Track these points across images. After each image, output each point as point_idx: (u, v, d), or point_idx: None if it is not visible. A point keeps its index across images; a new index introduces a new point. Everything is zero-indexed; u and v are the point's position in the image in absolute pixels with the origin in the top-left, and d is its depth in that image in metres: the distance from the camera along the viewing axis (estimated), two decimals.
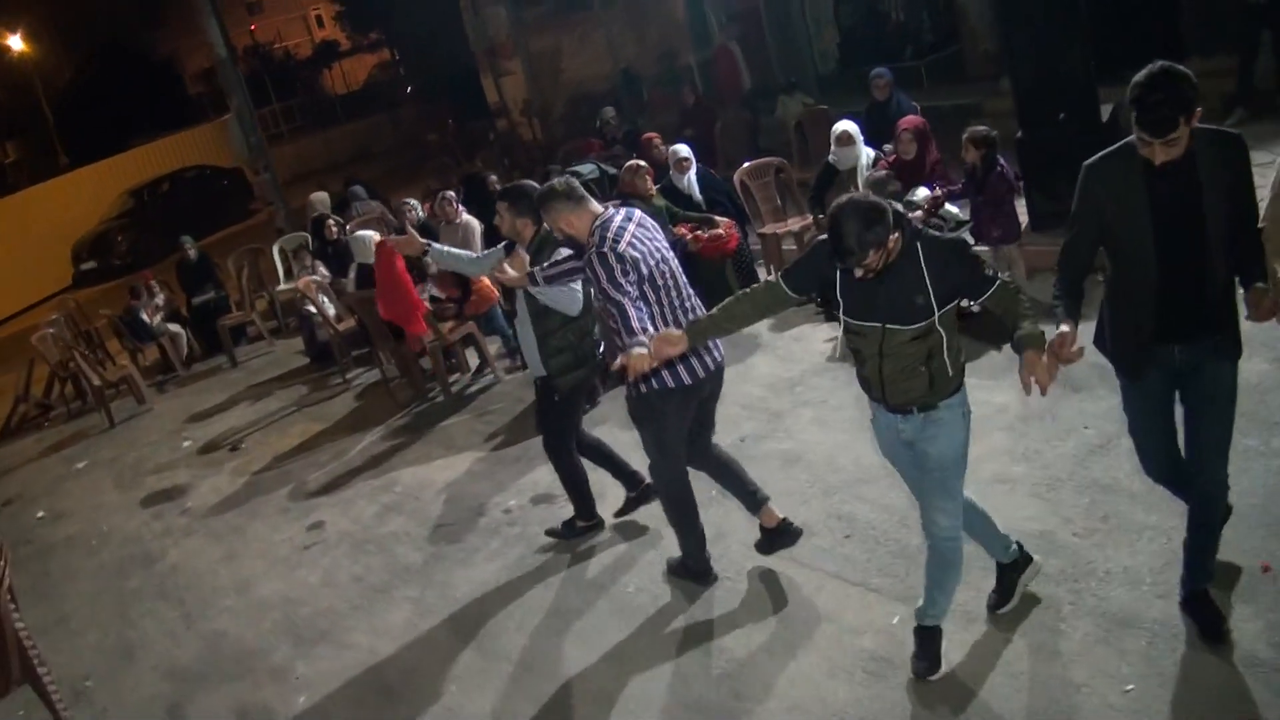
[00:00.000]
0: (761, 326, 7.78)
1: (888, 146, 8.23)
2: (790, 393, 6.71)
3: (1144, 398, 3.68)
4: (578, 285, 5.06)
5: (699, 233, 8.05)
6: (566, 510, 5.87)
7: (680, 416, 4.67)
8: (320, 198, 11.84)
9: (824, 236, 3.49)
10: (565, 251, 4.97)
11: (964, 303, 3.76)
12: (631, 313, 4.21)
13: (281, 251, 11.94)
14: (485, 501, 6.40)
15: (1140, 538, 4.39)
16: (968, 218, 7.19)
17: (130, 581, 6.76)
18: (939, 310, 3.44)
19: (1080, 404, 5.50)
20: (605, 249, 4.33)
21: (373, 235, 8.59)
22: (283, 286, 11.81)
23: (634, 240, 4.43)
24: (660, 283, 4.48)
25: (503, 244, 5.45)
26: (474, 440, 7.44)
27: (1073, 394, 5.60)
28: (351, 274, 8.56)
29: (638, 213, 4.67)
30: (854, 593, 4.55)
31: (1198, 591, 3.83)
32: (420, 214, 10.18)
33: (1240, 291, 3.50)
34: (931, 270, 3.41)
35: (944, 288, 3.43)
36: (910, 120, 7.42)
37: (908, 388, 3.58)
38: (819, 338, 7.44)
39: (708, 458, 4.98)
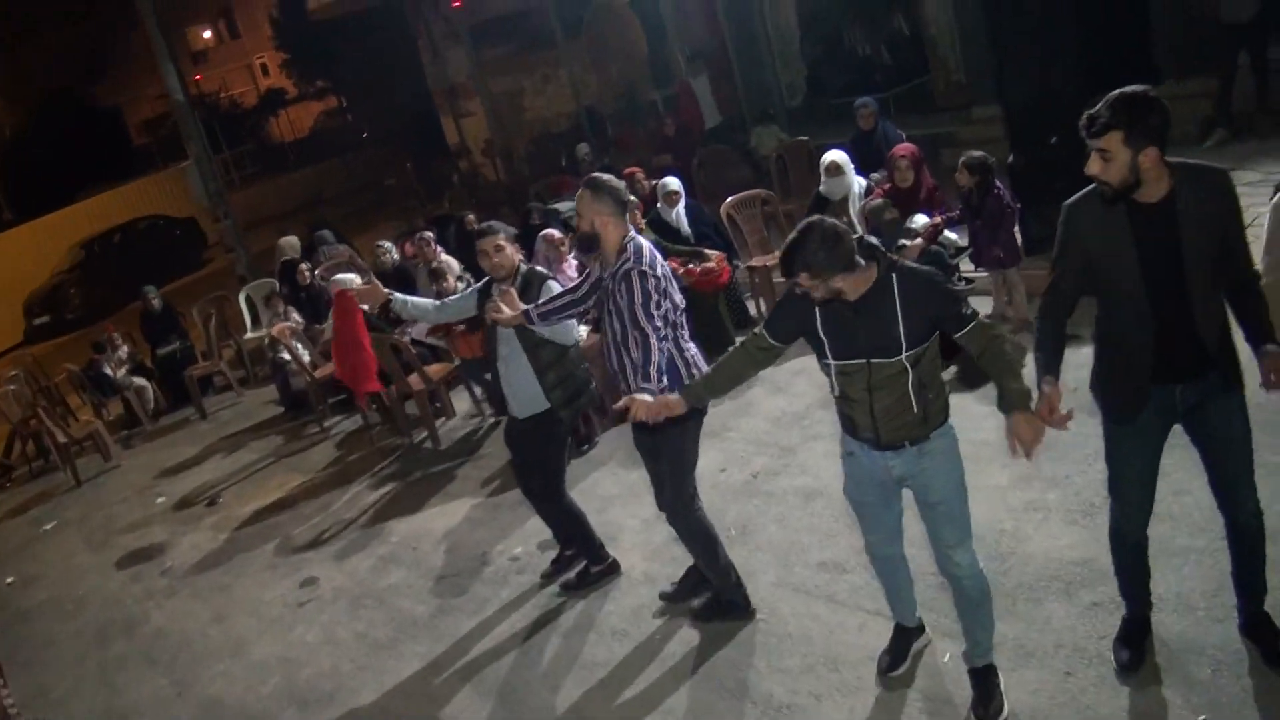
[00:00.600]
0: None
1: (875, 175, 8.19)
2: (798, 426, 6.55)
3: (1140, 442, 3.54)
4: (572, 320, 4.94)
5: (691, 266, 7.91)
6: (572, 555, 5.68)
7: (698, 443, 4.59)
8: (290, 242, 11.58)
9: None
10: (556, 287, 4.93)
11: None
12: (654, 345, 4.18)
13: (248, 299, 11.63)
14: (489, 550, 6.16)
15: (1186, 562, 4.28)
16: (966, 244, 7.15)
17: (113, 647, 6.41)
18: (909, 344, 3.36)
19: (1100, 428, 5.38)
20: (645, 268, 4.24)
21: (353, 278, 8.34)
22: (250, 335, 11.50)
23: (665, 268, 4.36)
24: (673, 318, 4.40)
25: (480, 283, 5.25)
26: (469, 486, 7.19)
27: (1090, 418, 5.49)
28: (330, 319, 8.30)
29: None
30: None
31: (1258, 615, 3.72)
32: (395, 256, 9.97)
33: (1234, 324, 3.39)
34: (904, 303, 3.34)
35: (917, 321, 3.36)
36: (905, 147, 7.36)
37: (901, 423, 3.49)
38: (818, 369, 7.29)
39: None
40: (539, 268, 5.27)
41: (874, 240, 3.48)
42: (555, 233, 7.82)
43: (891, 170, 7.23)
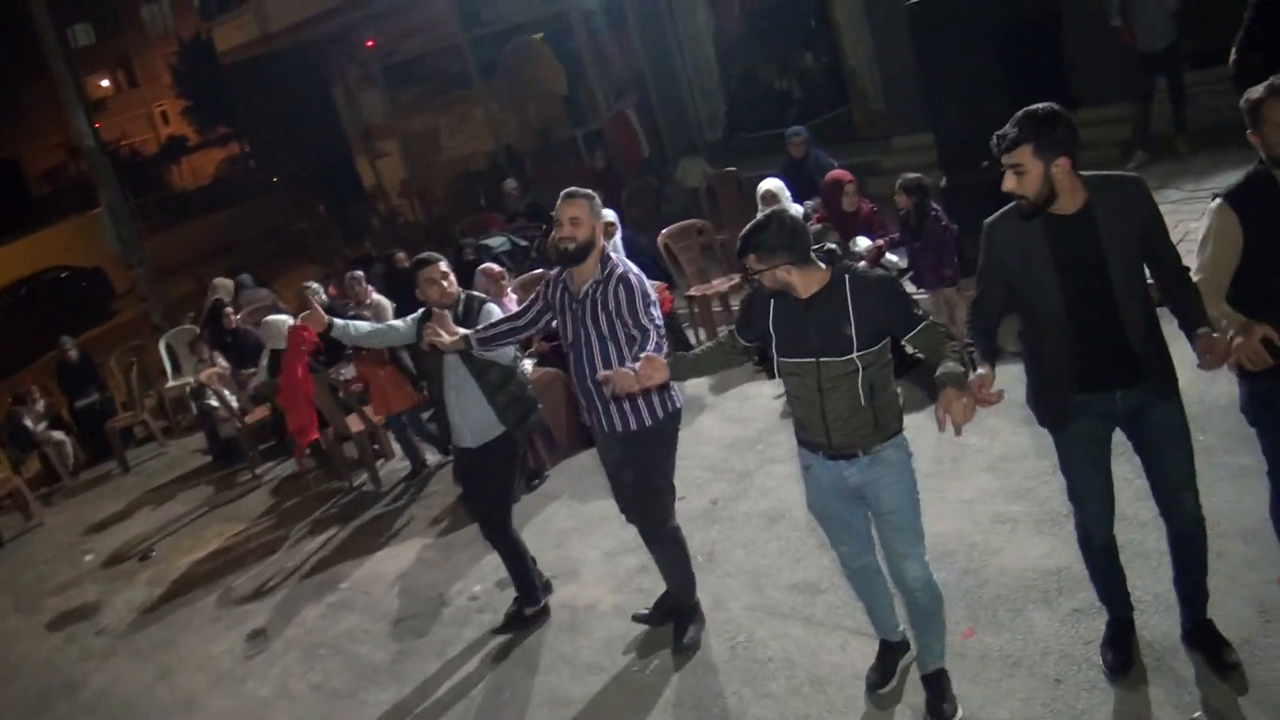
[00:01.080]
0: (703, 387, 7.63)
1: (810, 203, 8.28)
2: (752, 451, 6.53)
3: (1084, 449, 3.59)
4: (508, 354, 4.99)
5: None
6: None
7: (674, 454, 4.60)
8: (224, 283, 11.24)
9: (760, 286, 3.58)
10: (496, 311, 4.97)
11: (909, 349, 3.73)
12: (654, 340, 4.14)
13: (169, 347, 11.26)
14: (445, 590, 5.99)
15: (1160, 564, 4.28)
16: (905, 265, 7.23)
17: (55, 712, 6.07)
18: (861, 344, 3.40)
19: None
20: (634, 273, 4.30)
21: (285, 319, 8.13)
22: (172, 383, 11.11)
23: None
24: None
25: (418, 313, 5.18)
26: (417, 527, 7.01)
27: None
28: (263, 361, 8.06)
29: None
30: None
31: (1201, 623, 3.77)
32: (324, 297, 9.75)
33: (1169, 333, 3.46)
34: (856, 304, 3.40)
35: (869, 322, 3.41)
36: (840, 173, 7.44)
37: (853, 427, 3.52)
38: (766, 394, 7.31)
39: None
40: (476, 293, 5.28)
41: (832, 248, 3.54)
42: (495, 266, 7.72)
43: (834, 196, 7.27)
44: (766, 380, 7.48)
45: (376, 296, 9.25)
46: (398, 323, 5.30)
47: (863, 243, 7.09)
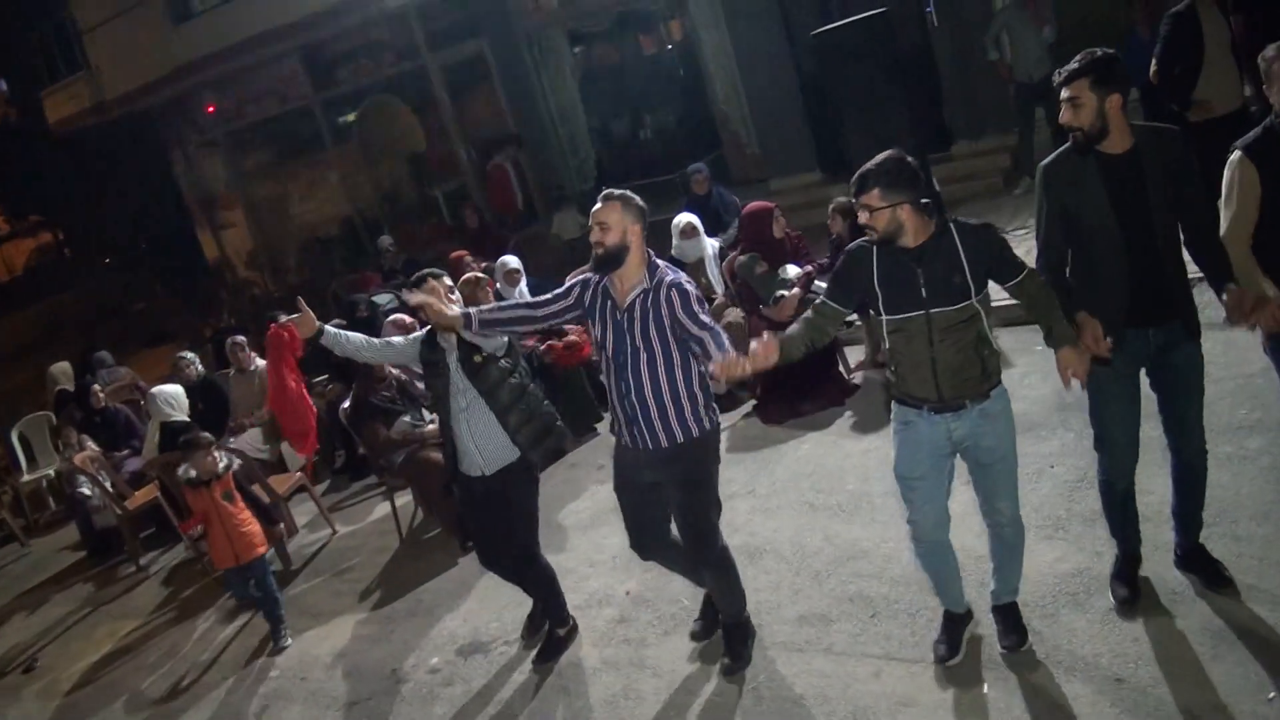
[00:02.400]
0: None
1: (723, 236, 8.18)
2: None
3: (1118, 386, 3.78)
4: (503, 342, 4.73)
5: (552, 342, 7.56)
6: (504, 654, 5.14)
7: None
8: (62, 369, 10.30)
9: (852, 245, 3.74)
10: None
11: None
12: (721, 336, 3.96)
13: (21, 436, 10.19)
14: (399, 666, 5.44)
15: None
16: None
17: None
18: (976, 290, 3.51)
19: (1034, 446, 5.40)
20: (672, 277, 4.08)
21: (174, 389, 7.45)
22: (28, 476, 10.05)
23: None
24: None
25: (421, 332, 4.93)
26: (343, 603, 6.41)
27: (1021, 436, 5.51)
28: (154, 437, 7.32)
29: None
30: (920, 670, 4.10)
31: (1194, 549, 4.06)
32: (199, 367, 9.03)
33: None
34: (966, 249, 3.51)
35: (979, 268, 3.51)
36: (763, 203, 7.33)
37: (965, 378, 3.59)
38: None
39: None
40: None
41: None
42: (406, 317, 7.25)
43: (763, 225, 7.11)
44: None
45: (261, 361, 8.60)
46: (398, 339, 5.00)
47: (792, 270, 6.98)
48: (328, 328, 4.80)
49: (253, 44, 14.16)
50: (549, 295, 4.41)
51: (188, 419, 7.39)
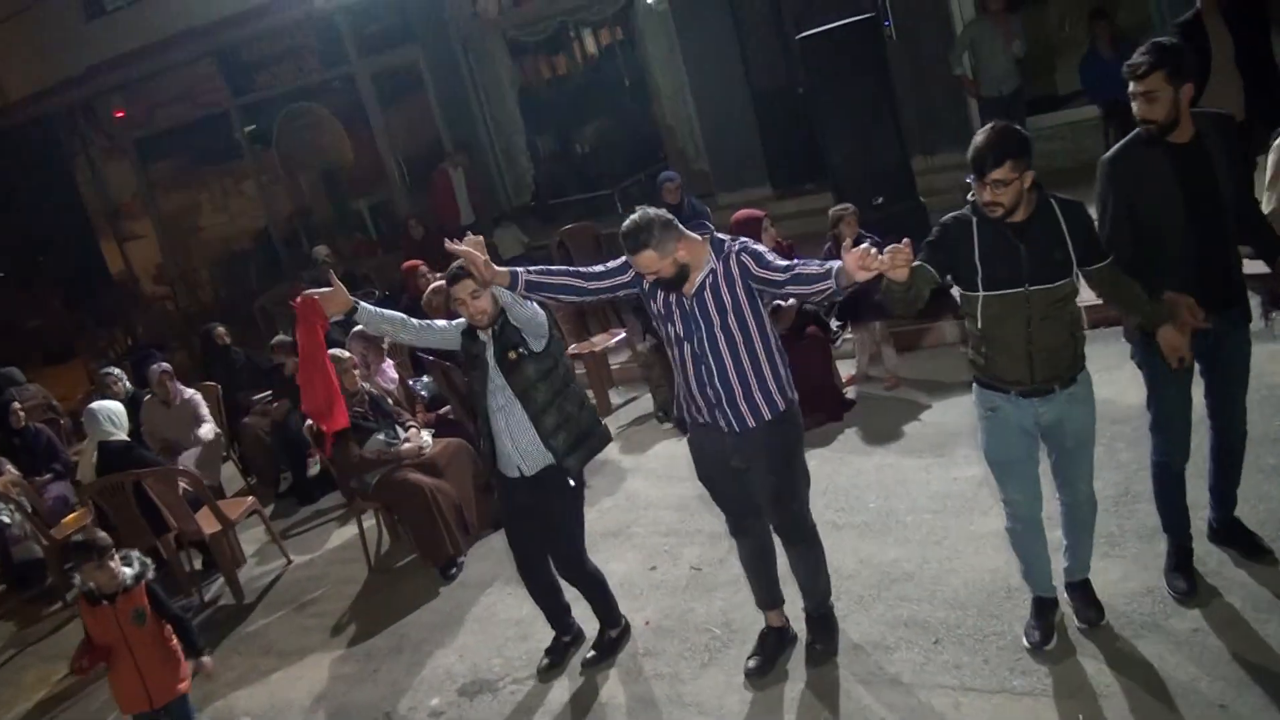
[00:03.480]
0: (614, 451, 6.93)
1: None
2: (710, 509, 5.83)
3: (1181, 375, 3.78)
4: (542, 315, 4.34)
5: None
6: (516, 693, 4.69)
7: None
8: None
9: (946, 217, 3.62)
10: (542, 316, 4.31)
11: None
12: (810, 263, 3.72)
13: None
14: (392, 709, 4.93)
15: None
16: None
17: None
18: (1076, 264, 3.48)
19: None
20: (738, 247, 3.85)
21: (116, 405, 6.77)
22: None
23: None
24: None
25: (459, 320, 4.56)
26: (313, 639, 5.85)
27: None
28: (90, 458, 6.62)
29: None
30: (1003, 702, 3.80)
31: (1232, 521, 4.17)
32: (127, 384, 8.32)
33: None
34: (1068, 223, 3.47)
35: (1077, 243, 3.47)
36: (752, 210, 7.01)
37: (1058, 360, 3.57)
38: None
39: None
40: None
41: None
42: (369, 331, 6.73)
43: (754, 233, 6.79)
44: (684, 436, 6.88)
45: (189, 393, 7.93)
46: (441, 322, 4.67)
47: None
48: (362, 304, 4.42)
49: (167, 44, 13.40)
50: (602, 267, 4.08)
51: (128, 438, 6.73)
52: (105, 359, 12.50)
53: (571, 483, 4.46)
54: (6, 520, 7.46)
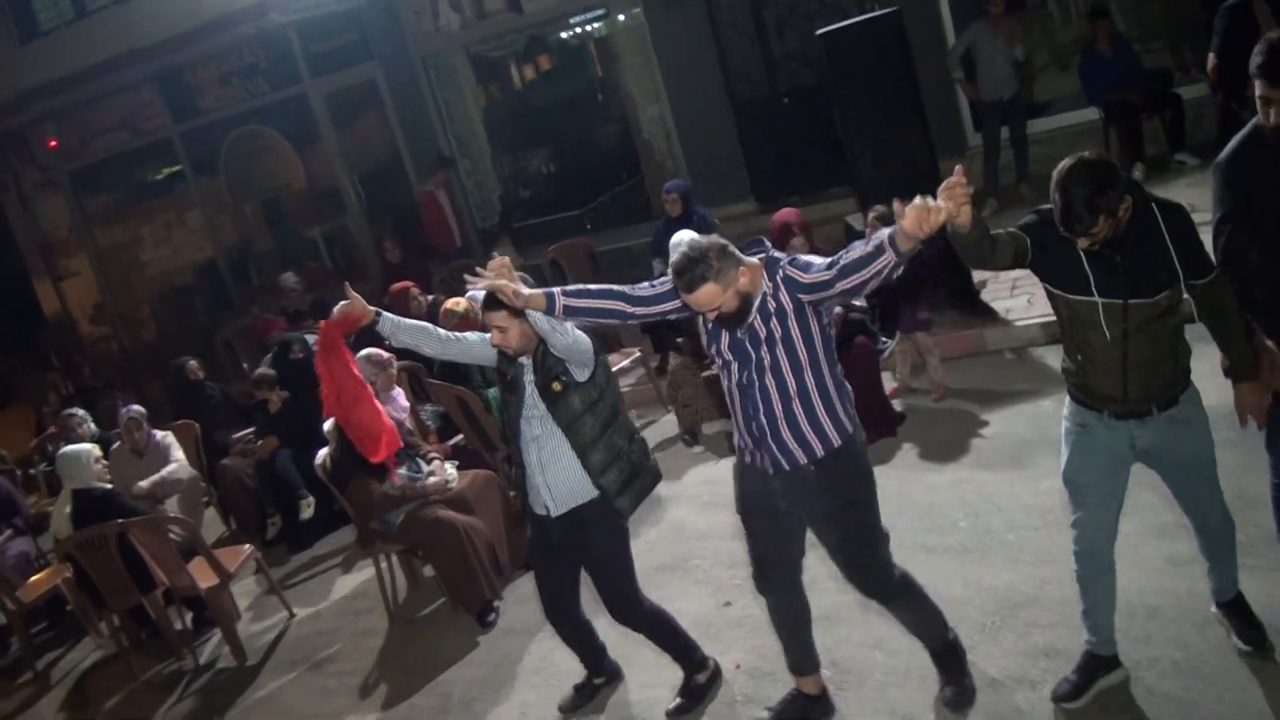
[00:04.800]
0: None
1: None
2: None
3: None
4: (586, 341, 3.89)
5: None
6: None
7: None
8: None
9: (1044, 205, 3.25)
10: (584, 342, 3.86)
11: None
12: (854, 248, 3.20)
13: None
14: None
15: None
16: (867, 307, 6.46)
17: None
18: (1179, 275, 3.19)
19: None
20: (785, 260, 3.40)
21: (90, 449, 6.08)
22: None
23: None
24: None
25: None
26: (339, 703, 5.24)
27: None
28: (64, 509, 5.92)
29: None
30: None
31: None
32: (92, 426, 7.60)
33: None
34: (1170, 230, 3.17)
35: (1181, 252, 3.17)
36: (790, 212, 6.59)
37: (1157, 376, 3.27)
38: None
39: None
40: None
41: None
42: (381, 353, 6.17)
43: (785, 242, 6.38)
44: (719, 459, 6.43)
45: (159, 436, 7.23)
46: (472, 335, 4.29)
47: None
48: (384, 313, 4.13)
49: (105, 68, 12.60)
50: (649, 287, 3.58)
51: (108, 485, 6.04)
52: (48, 403, 11.66)
53: (622, 521, 4.10)
54: None
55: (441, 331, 4.23)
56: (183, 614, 6.27)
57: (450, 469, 5.84)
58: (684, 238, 6.88)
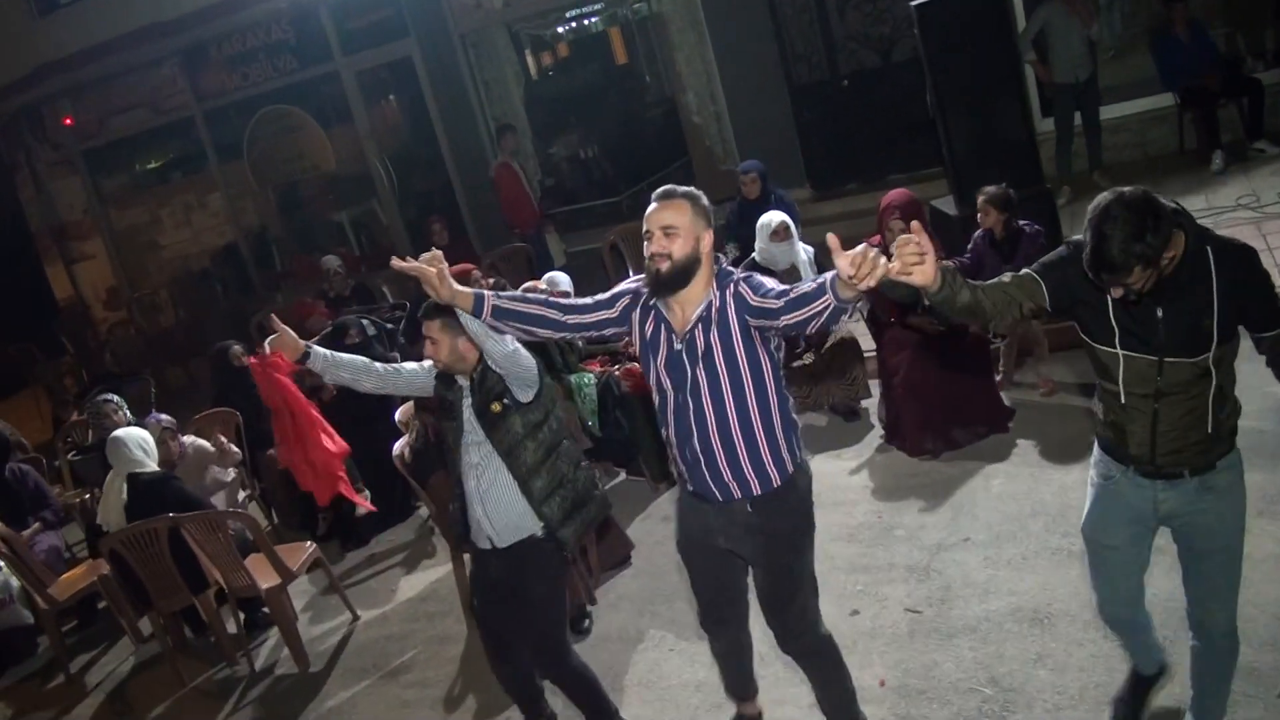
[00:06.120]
0: None
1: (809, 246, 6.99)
2: (890, 536, 4.98)
3: None
4: (528, 356, 3.69)
5: (630, 365, 6.18)
6: None
7: None
8: None
9: (1076, 237, 2.81)
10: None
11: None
12: (804, 286, 2.96)
13: None
14: None
15: None
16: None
17: None
18: (1221, 337, 2.73)
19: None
20: (740, 276, 3.20)
21: (144, 434, 5.64)
22: None
23: None
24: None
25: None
26: (423, 716, 4.80)
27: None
28: (119, 495, 5.45)
29: None
30: None
31: None
32: (127, 414, 7.10)
33: None
34: (1221, 283, 2.70)
35: (1231, 309, 2.72)
36: (900, 194, 6.12)
37: (1188, 443, 2.84)
38: (822, 458, 5.79)
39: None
40: None
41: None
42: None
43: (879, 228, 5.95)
44: (810, 454, 5.98)
45: (188, 441, 6.69)
46: (411, 365, 3.98)
47: None
48: (316, 348, 3.83)
49: (126, 43, 12.11)
50: (586, 300, 3.41)
51: (160, 469, 5.59)
52: (63, 390, 11.17)
53: (563, 556, 3.85)
54: None
55: (378, 366, 3.92)
56: (237, 615, 5.80)
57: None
58: (774, 219, 6.48)
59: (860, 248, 2.56)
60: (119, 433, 5.57)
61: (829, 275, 2.78)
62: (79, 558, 7.09)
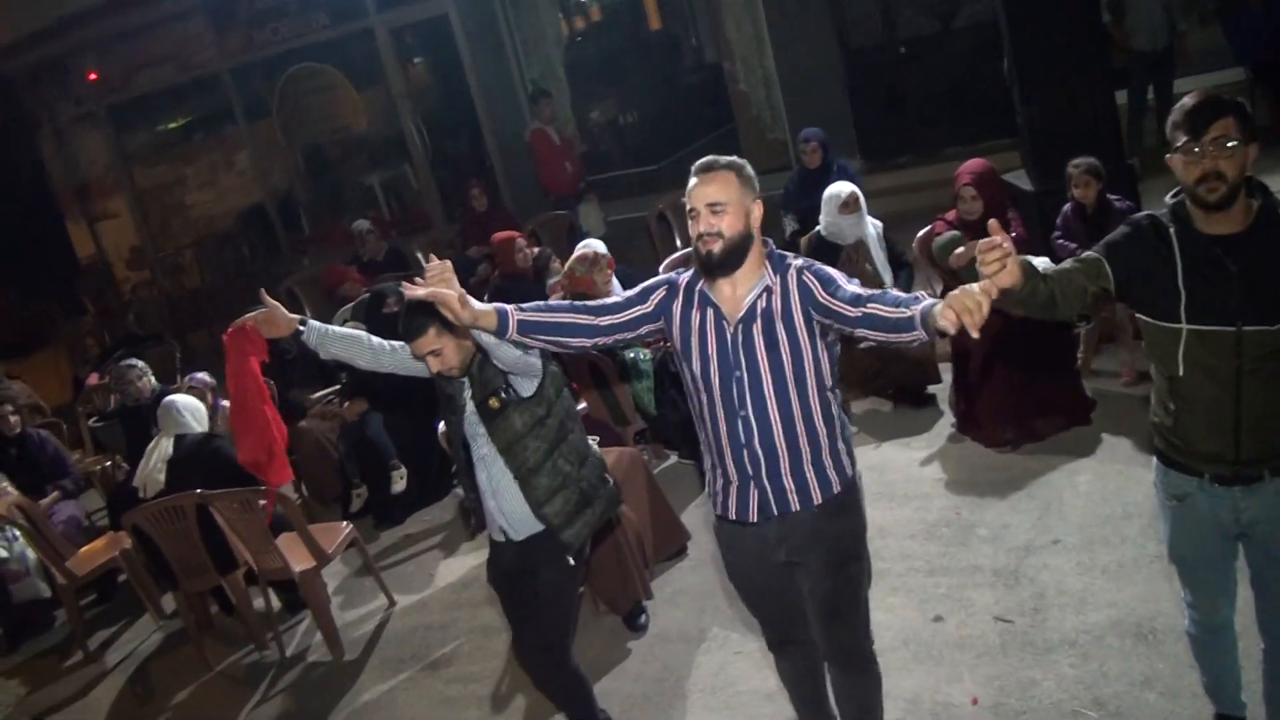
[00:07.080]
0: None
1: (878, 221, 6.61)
2: (972, 535, 4.64)
3: None
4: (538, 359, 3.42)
5: None
6: None
7: None
8: None
9: (1138, 215, 2.70)
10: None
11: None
12: (889, 292, 2.77)
13: None
14: None
15: None
16: None
17: None
18: None
19: None
20: (802, 263, 2.91)
21: (193, 401, 5.36)
22: None
23: None
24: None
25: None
26: (467, 714, 4.49)
27: None
28: (161, 461, 5.16)
29: None
30: None
31: None
32: (152, 380, 6.78)
33: None
34: None
35: None
36: (976, 164, 5.72)
37: (1273, 430, 2.59)
38: (889, 452, 5.44)
39: None
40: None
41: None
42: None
43: (998, 191, 5.58)
44: (878, 442, 5.63)
45: (225, 402, 6.37)
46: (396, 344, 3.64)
47: (1039, 261, 5.43)
48: (310, 322, 3.58)
49: None
50: (619, 298, 3.09)
51: (204, 429, 5.34)
52: (84, 351, 10.91)
53: (571, 561, 3.57)
54: (3, 554, 5.93)
55: (375, 340, 3.62)
56: (267, 596, 5.50)
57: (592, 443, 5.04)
58: (843, 189, 6.09)
59: (959, 293, 2.37)
60: (175, 397, 5.40)
61: (923, 305, 2.54)
62: (99, 527, 6.81)
